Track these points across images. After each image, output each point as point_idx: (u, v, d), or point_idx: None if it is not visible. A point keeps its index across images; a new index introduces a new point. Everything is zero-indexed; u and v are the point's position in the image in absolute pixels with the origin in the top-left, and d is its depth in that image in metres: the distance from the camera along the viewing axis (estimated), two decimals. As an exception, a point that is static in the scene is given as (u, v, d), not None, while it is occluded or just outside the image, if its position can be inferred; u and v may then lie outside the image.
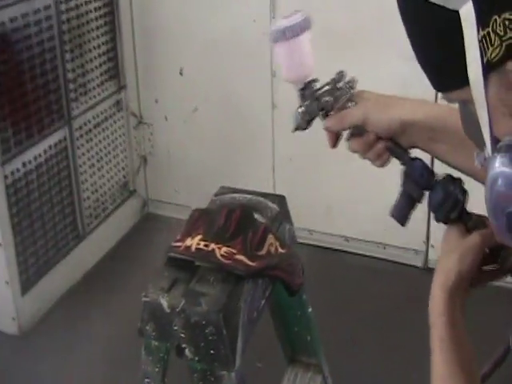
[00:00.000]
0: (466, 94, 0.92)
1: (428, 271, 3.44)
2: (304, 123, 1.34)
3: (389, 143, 1.31)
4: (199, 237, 1.62)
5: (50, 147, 3.19)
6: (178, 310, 1.50)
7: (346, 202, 3.59)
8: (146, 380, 1.60)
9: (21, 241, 3.09)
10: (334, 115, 1.33)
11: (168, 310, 1.51)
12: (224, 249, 1.59)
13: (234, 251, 1.59)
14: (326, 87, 1.34)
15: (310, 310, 1.96)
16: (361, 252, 3.68)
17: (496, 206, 0.93)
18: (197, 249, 1.58)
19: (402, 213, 1.32)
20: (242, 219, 1.69)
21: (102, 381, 2.96)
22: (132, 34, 3.70)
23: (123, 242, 3.80)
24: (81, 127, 3.39)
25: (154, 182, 4.00)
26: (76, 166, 3.37)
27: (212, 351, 1.50)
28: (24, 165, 3.04)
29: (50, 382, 2.96)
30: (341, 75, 1.33)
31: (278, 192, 3.76)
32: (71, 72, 3.27)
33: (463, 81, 0.90)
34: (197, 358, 1.52)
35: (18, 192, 3.03)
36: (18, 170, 3.01)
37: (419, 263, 3.54)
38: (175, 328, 1.51)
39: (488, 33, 0.86)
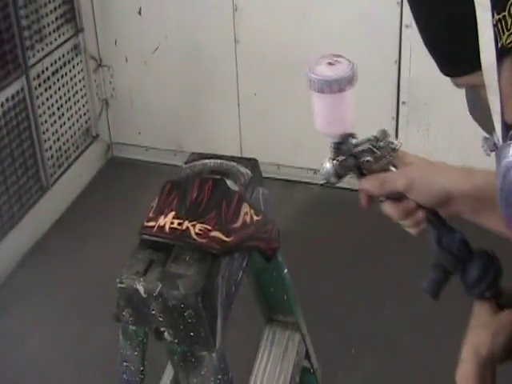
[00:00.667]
0: (477, 79, 0.88)
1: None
2: (335, 178, 1.26)
3: (429, 213, 1.21)
4: (172, 214, 1.56)
5: (7, 100, 3.09)
6: (155, 294, 1.45)
7: (313, 134, 3.54)
8: (125, 364, 1.57)
9: (-18, 198, 3.02)
10: (373, 176, 1.23)
11: (145, 295, 1.46)
12: (198, 226, 1.54)
13: (208, 227, 1.54)
14: (366, 145, 1.22)
15: (285, 270, 1.93)
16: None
17: (509, 195, 0.89)
18: (171, 228, 1.53)
19: (436, 287, 1.20)
20: (215, 189, 1.64)
21: (75, 338, 2.93)
22: (87, -27, 3.56)
23: (89, 189, 3.74)
24: (39, 75, 3.29)
25: (116, 126, 3.93)
26: (36, 117, 3.28)
27: (192, 333, 1.47)
28: (-19, 120, 2.95)
29: (16, 343, 2.93)
30: (383, 134, 1.22)
31: (243, 128, 3.73)
32: (25, 18, 3.15)
33: (474, 66, 0.87)
34: (176, 341, 1.49)
35: (-24, 148, 2.94)
36: (-25, 126, 2.92)
37: (390, 194, 3.53)
38: (153, 312, 1.47)
39: (504, 16, 0.81)
